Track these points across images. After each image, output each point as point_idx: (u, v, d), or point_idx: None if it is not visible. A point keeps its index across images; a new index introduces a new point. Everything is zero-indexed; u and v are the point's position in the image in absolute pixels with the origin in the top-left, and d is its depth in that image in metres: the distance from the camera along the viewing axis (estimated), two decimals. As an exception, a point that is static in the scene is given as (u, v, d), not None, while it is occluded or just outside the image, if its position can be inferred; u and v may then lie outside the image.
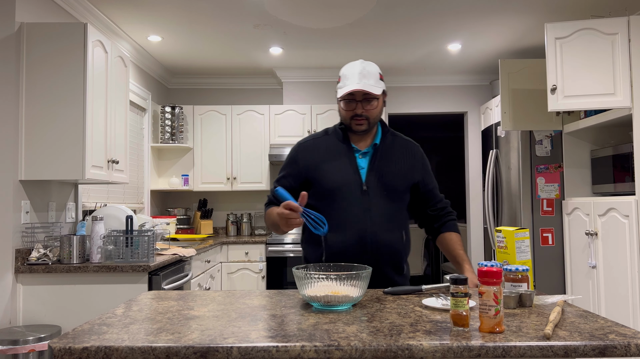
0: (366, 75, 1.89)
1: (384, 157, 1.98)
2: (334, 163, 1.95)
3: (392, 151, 2.01)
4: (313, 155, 1.99)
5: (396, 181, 1.96)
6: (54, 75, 2.98)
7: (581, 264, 3.83)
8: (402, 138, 2.08)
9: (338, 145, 1.99)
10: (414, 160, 2.03)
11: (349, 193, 1.92)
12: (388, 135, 2.04)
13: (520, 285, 1.56)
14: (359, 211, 1.90)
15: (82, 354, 1.13)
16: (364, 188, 1.92)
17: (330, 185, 1.93)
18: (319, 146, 2.01)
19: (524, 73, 4.25)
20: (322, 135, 2.06)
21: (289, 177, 2.01)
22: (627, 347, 1.13)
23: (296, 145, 2.08)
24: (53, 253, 2.99)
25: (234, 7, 3.75)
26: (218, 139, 5.29)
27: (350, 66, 1.93)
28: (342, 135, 2.00)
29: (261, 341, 1.15)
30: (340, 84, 1.93)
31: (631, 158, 3.36)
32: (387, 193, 1.94)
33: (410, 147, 2.07)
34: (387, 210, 1.93)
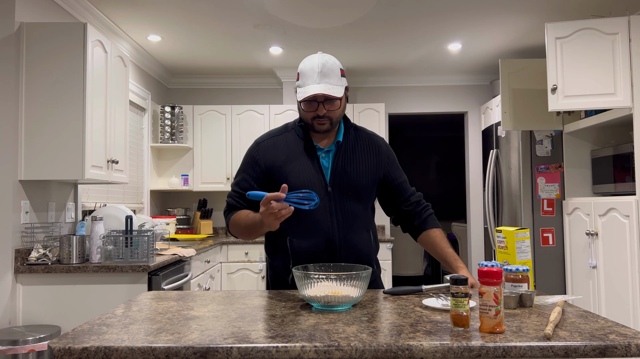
0: (327, 74, 1.78)
1: (348, 155, 1.89)
2: (296, 163, 1.85)
3: (356, 148, 1.91)
4: (274, 155, 1.87)
5: (361, 179, 1.87)
6: (53, 75, 2.98)
7: (581, 264, 3.83)
8: (365, 133, 1.98)
9: (299, 144, 1.88)
10: (379, 156, 1.94)
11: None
12: (351, 130, 1.94)
13: (520, 285, 1.56)
14: (324, 213, 1.81)
15: (81, 354, 1.13)
16: (329, 190, 1.83)
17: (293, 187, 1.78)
18: (279, 145, 1.89)
19: (525, 73, 4.24)
20: (282, 132, 1.94)
21: (249, 180, 1.88)
22: (627, 347, 1.13)
23: (254, 145, 1.94)
24: (53, 253, 2.99)
25: (234, 7, 3.75)
26: (218, 139, 5.29)
27: (308, 62, 1.81)
28: (303, 133, 1.89)
29: (261, 342, 1.15)
30: (300, 83, 1.82)
31: (631, 158, 3.36)
32: (352, 192, 1.85)
33: (374, 142, 1.96)
34: (354, 211, 1.85)
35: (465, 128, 5.84)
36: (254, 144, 1.94)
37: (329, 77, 1.78)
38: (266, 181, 1.87)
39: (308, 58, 1.83)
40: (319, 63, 1.79)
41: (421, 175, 8.86)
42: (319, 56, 1.82)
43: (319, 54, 1.83)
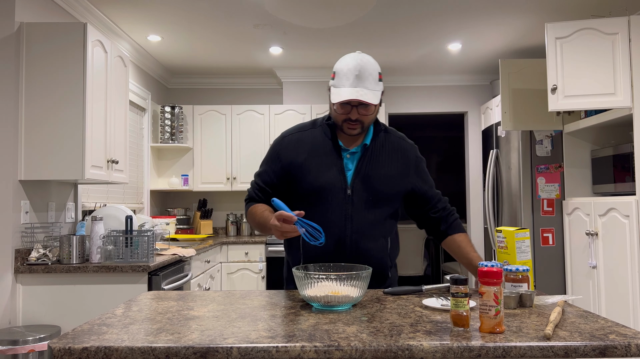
0: (364, 77, 1.71)
1: (374, 159, 1.83)
2: (319, 161, 1.81)
3: (383, 153, 1.85)
4: (297, 151, 1.84)
5: (384, 186, 1.81)
6: (53, 74, 2.98)
7: (581, 264, 3.83)
8: (395, 137, 1.91)
9: (325, 142, 1.84)
10: (406, 165, 1.88)
11: (331, 196, 1.79)
12: (380, 134, 1.88)
13: (520, 285, 1.56)
14: (339, 216, 1.78)
15: (81, 354, 1.13)
16: (348, 192, 1.79)
17: (313, 185, 1.79)
18: (304, 141, 1.85)
19: (524, 73, 4.24)
20: (310, 127, 1.89)
21: (270, 173, 1.88)
22: (627, 347, 1.13)
23: (280, 138, 1.91)
24: (53, 253, 2.99)
25: (234, 7, 3.75)
26: (218, 139, 5.29)
27: (345, 62, 1.74)
28: (330, 132, 1.85)
29: (261, 342, 1.15)
30: (335, 82, 1.75)
31: (631, 158, 3.36)
32: (372, 198, 1.80)
33: (403, 149, 1.90)
34: (371, 217, 1.80)
35: (465, 128, 5.84)
36: (279, 137, 1.92)
37: (366, 81, 1.72)
38: (286, 177, 1.86)
39: (346, 58, 1.76)
40: (358, 65, 1.72)
41: (421, 175, 8.85)
42: (357, 57, 1.75)
43: (357, 54, 1.76)
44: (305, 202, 1.81)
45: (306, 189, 1.81)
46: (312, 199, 1.81)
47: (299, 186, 1.83)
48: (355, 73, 1.71)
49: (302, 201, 1.83)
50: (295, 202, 1.85)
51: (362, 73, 1.72)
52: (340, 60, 1.77)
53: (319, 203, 1.80)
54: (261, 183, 1.90)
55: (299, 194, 1.84)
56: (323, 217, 1.77)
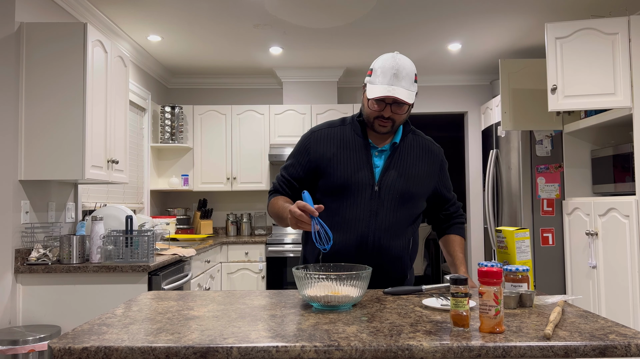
0: (402, 77, 1.74)
1: (402, 158, 1.86)
2: (347, 157, 1.83)
3: (412, 152, 1.88)
4: (326, 146, 1.86)
5: (411, 185, 1.84)
6: (53, 75, 2.98)
7: (581, 264, 3.83)
8: (423, 139, 1.95)
9: (354, 139, 1.86)
10: (433, 167, 1.92)
11: (358, 192, 1.80)
12: (409, 134, 1.91)
13: (520, 285, 1.56)
14: (365, 212, 1.79)
15: (81, 354, 1.13)
16: (376, 189, 1.80)
17: (340, 180, 1.81)
18: (333, 137, 1.88)
19: (524, 73, 4.24)
20: (339, 124, 1.92)
21: (297, 166, 1.89)
22: (627, 347, 1.13)
23: (309, 133, 1.93)
24: (53, 253, 2.99)
25: (234, 7, 3.75)
26: (218, 139, 5.29)
27: (384, 60, 1.77)
28: (360, 128, 1.87)
29: (261, 342, 1.15)
30: (371, 79, 1.78)
31: (631, 158, 3.36)
32: (399, 197, 1.81)
33: (431, 150, 1.94)
34: (396, 215, 1.81)
35: (465, 128, 5.84)
36: (309, 132, 1.94)
37: (403, 80, 1.75)
38: (313, 171, 1.87)
39: (384, 56, 1.80)
40: (396, 64, 1.75)
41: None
42: (396, 56, 1.78)
43: (396, 54, 1.79)
44: (332, 197, 1.83)
45: (334, 183, 1.83)
46: (339, 194, 1.82)
47: (327, 181, 1.84)
48: (393, 72, 1.74)
49: (329, 195, 1.84)
50: (322, 197, 1.86)
51: (399, 72, 1.75)
52: (379, 58, 1.81)
53: (345, 198, 1.81)
54: (288, 176, 1.92)
55: (326, 188, 1.85)
56: (348, 212, 1.80)
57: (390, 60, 1.77)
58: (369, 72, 1.82)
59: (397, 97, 1.73)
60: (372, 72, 1.79)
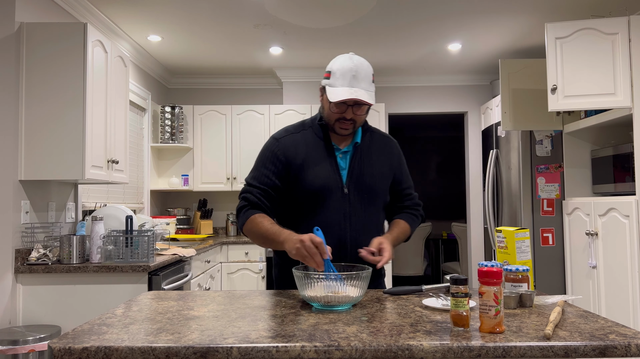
0: (361, 78, 1.75)
1: (364, 157, 1.88)
2: (315, 163, 1.82)
3: (373, 150, 1.91)
4: (296, 151, 1.84)
5: (376, 182, 1.87)
6: (53, 75, 2.98)
7: (581, 264, 3.83)
8: (380, 135, 1.98)
9: (318, 143, 1.86)
10: (391, 158, 1.95)
11: (329, 197, 1.80)
12: (367, 133, 1.94)
13: (520, 285, 1.56)
14: (339, 215, 1.80)
15: (81, 354, 1.13)
16: (345, 191, 1.82)
17: (312, 187, 1.79)
18: (298, 142, 1.86)
19: (524, 73, 4.24)
20: (300, 129, 1.90)
21: (271, 175, 1.83)
22: (627, 347, 1.13)
23: (273, 140, 1.89)
24: (53, 253, 2.99)
25: (234, 7, 3.75)
26: (218, 139, 5.29)
27: (342, 62, 1.77)
28: (321, 132, 1.87)
29: (261, 342, 1.15)
30: (331, 82, 1.78)
31: (631, 158, 3.36)
32: (367, 195, 1.84)
33: (388, 144, 1.97)
34: (367, 213, 1.84)
35: (465, 128, 5.84)
36: (272, 140, 1.89)
37: (362, 82, 1.76)
38: (285, 177, 1.83)
39: (341, 58, 1.79)
40: (355, 66, 1.76)
41: (421, 175, 8.86)
42: (353, 57, 1.78)
43: (352, 55, 1.80)
44: (305, 204, 1.82)
45: (305, 190, 1.81)
46: (311, 200, 1.81)
47: (298, 188, 1.82)
48: (352, 74, 1.75)
49: (301, 203, 1.83)
50: (294, 205, 1.84)
51: (358, 73, 1.76)
52: (336, 60, 1.80)
53: (317, 204, 1.81)
54: (262, 185, 1.83)
55: (298, 196, 1.83)
56: (323, 217, 1.79)
57: (348, 61, 1.77)
58: (326, 75, 1.81)
59: (359, 98, 1.73)
60: (331, 74, 1.78)
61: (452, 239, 7.45)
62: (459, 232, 6.36)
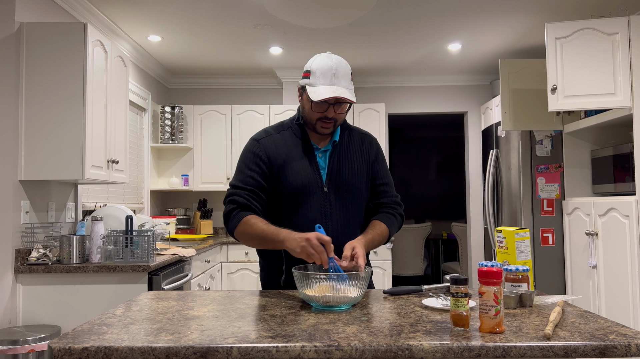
0: (340, 76, 1.76)
1: (343, 155, 1.88)
2: (295, 163, 1.83)
3: (351, 148, 1.91)
4: (277, 152, 1.84)
5: (356, 180, 1.87)
6: (53, 75, 2.98)
7: (581, 264, 3.83)
8: (359, 132, 1.98)
9: (297, 143, 1.86)
10: (369, 153, 1.94)
11: (310, 196, 1.81)
12: (346, 131, 1.94)
13: (520, 285, 1.56)
14: (319, 214, 1.80)
15: (81, 354, 1.13)
16: (325, 190, 1.82)
17: (292, 186, 1.80)
18: (278, 143, 1.86)
19: (524, 73, 4.24)
20: (279, 130, 1.90)
21: (256, 176, 1.82)
22: (627, 347, 1.13)
23: (253, 142, 1.87)
24: (53, 253, 2.99)
25: (234, 7, 3.75)
26: (218, 139, 5.29)
27: (321, 62, 1.78)
28: (300, 132, 1.88)
29: (261, 342, 1.15)
30: (311, 81, 1.77)
31: (631, 158, 3.36)
32: (347, 193, 1.85)
33: (367, 141, 1.96)
34: (348, 211, 1.85)
35: (465, 128, 5.84)
36: (252, 141, 1.89)
37: (342, 80, 1.77)
38: (269, 178, 1.84)
39: (320, 57, 1.80)
40: (334, 64, 1.77)
41: (421, 175, 8.87)
42: (332, 56, 1.79)
43: (329, 54, 1.81)
44: (286, 204, 1.83)
45: (286, 191, 1.82)
46: (292, 200, 1.82)
47: (280, 188, 1.82)
48: (332, 72, 1.76)
49: (281, 203, 1.84)
50: (275, 204, 1.85)
51: (338, 72, 1.77)
52: (314, 59, 1.81)
53: (298, 203, 1.81)
54: (250, 187, 1.82)
55: (278, 196, 1.84)
56: (304, 217, 1.80)
57: (327, 60, 1.78)
58: (305, 74, 1.81)
59: (342, 96, 1.74)
60: (310, 74, 1.78)
61: (452, 239, 7.45)
62: (459, 232, 6.36)
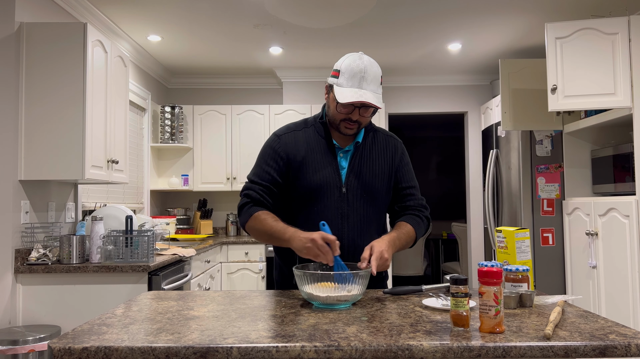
0: (370, 81, 1.73)
1: (365, 156, 1.87)
2: (315, 161, 1.82)
3: (374, 149, 1.89)
4: (295, 149, 1.83)
5: (376, 182, 1.85)
6: (53, 75, 2.98)
7: (581, 264, 3.83)
8: (383, 135, 1.95)
9: (319, 141, 1.85)
10: (393, 157, 1.92)
11: (327, 195, 1.80)
12: (370, 133, 1.92)
13: (520, 285, 1.56)
14: (336, 214, 1.80)
15: (81, 354, 1.13)
16: (343, 191, 1.81)
17: (310, 184, 1.80)
18: (299, 140, 1.85)
19: (524, 73, 4.24)
20: (302, 127, 1.90)
21: (272, 172, 1.83)
22: (627, 347, 1.13)
23: (274, 137, 1.88)
24: (53, 253, 2.99)
25: (234, 7, 3.75)
26: (218, 139, 5.29)
27: (352, 62, 1.75)
28: (323, 130, 1.87)
29: (261, 342, 1.15)
30: (340, 82, 1.75)
31: (631, 158, 3.36)
32: (366, 195, 1.83)
33: (391, 143, 1.94)
34: (366, 214, 1.83)
35: (465, 128, 5.84)
36: (273, 137, 1.89)
37: (371, 84, 1.75)
38: (286, 174, 1.83)
39: (351, 57, 1.77)
40: (365, 67, 1.74)
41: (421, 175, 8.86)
42: (363, 58, 1.76)
43: (361, 54, 1.78)
44: (302, 201, 1.82)
45: (303, 188, 1.81)
46: (308, 198, 1.81)
47: (297, 185, 1.82)
48: (362, 75, 1.73)
49: (298, 200, 1.83)
50: (291, 202, 1.85)
51: (367, 75, 1.74)
52: (346, 59, 1.78)
53: (315, 202, 1.81)
54: (265, 182, 1.83)
55: (295, 193, 1.83)
56: (320, 216, 1.78)
57: (358, 61, 1.75)
58: (334, 73, 1.78)
59: (367, 101, 1.72)
60: (340, 73, 1.76)
61: (452, 239, 7.45)
62: (459, 232, 6.36)
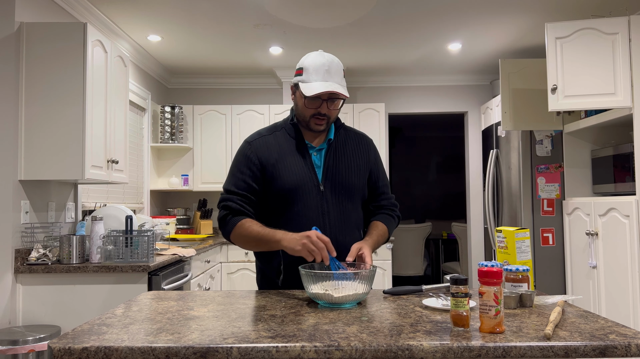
0: (333, 73, 1.78)
1: (339, 153, 1.89)
2: (289, 162, 1.83)
3: (348, 146, 1.92)
4: (269, 152, 1.85)
5: (353, 177, 1.88)
6: (53, 74, 2.98)
7: (581, 264, 3.83)
8: (354, 132, 2.00)
9: (291, 142, 1.87)
10: (367, 153, 1.96)
11: (305, 195, 1.81)
12: (341, 130, 1.95)
13: (520, 285, 1.56)
14: (316, 213, 1.81)
15: (81, 354, 1.13)
16: (321, 189, 1.83)
17: (287, 185, 1.80)
18: (270, 144, 1.87)
19: (525, 73, 4.24)
20: (272, 131, 1.92)
21: (248, 179, 1.83)
22: (627, 347, 1.13)
23: (245, 144, 1.89)
24: (53, 253, 2.99)
25: (234, 7, 3.75)
26: (218, 139, 5.29)
27: (314, 59, 1.80)
28: (294, 131, 1.88)
29: (261, 342, 1.15)
30: (304, 78, 1.79)
31: (632, 158, 3.36)
32: (344, 191, 1.85)
33: (364, 140, 1.99)
34: (344, 210, 1.85)
35: (465, 128, 5.84)
36: (244, 144, 1.90)
37: (335, 76, 1.79)
38: (261, 180, 1.84)
39: (312, 55, 1.82)
40: (327, 61, 1.79)
41: (421, 175, 8.86)
42: (324, 54, 1.82)
43: (320, 52, 1.84)
44: (281, 204, 1.83)
45: (280, 190, 1.82)
46: (287, 200, 1.82)
47: (273, 188, 1.83)
48: (326, 69, 1.78)
49: (277, 204, 1.84)
50: (271, 205, 1.85)
51: (331, 68, 1.79)
52: (306, 57, 1.83)
53: (294, 203, 1.82)
54: (242, 191, 1.83)
55: (274, 197, 1.84)
56: (300, 216, 1.80)
57: (320, 57, 1.80)
58: (298, 72, 1.83)
59: (336, 91, 1.76)
60: (303, 70, 1.80)
61: (452, 239, 7.45)
62: (459, 232, 6.36)
